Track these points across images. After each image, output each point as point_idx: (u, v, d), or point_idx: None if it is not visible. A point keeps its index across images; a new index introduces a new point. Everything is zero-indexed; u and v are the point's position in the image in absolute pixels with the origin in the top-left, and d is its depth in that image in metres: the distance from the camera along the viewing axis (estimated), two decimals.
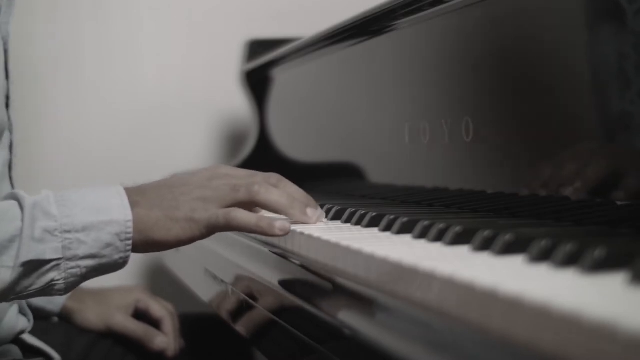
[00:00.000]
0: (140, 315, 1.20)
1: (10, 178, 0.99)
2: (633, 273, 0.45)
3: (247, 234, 0.99)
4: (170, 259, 1.51)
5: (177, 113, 1.86)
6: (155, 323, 1.19)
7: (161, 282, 1.73)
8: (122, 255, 0.80)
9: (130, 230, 0.79)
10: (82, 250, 0.78)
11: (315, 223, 0.85)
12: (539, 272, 0.51)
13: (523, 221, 0.79)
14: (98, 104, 1.82)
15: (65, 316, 1.18)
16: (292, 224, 0.84)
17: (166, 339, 1.17)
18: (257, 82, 1.65)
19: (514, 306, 0.44)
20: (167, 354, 1.17)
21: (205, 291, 1.16)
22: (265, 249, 0.90)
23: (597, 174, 0.72)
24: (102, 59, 1.82)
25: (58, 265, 0.77)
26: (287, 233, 0.81)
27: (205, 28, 1.87)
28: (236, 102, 1.81)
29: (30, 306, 1.06)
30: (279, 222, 0.81)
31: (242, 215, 0.81)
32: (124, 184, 0.83)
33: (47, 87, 1.78)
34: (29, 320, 1.04)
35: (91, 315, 1.17)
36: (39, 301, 1.14)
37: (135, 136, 1.83)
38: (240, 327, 0.91)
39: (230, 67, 1.78)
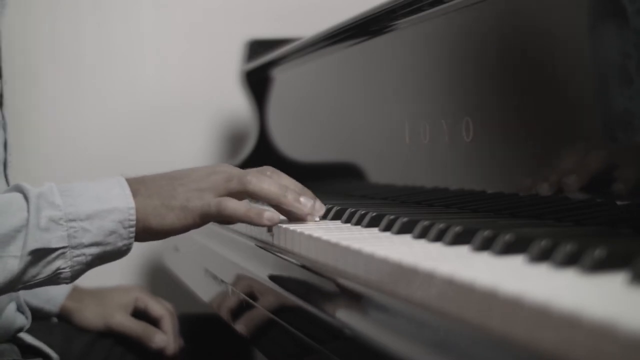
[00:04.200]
0: (139, 314, 1.20)
1: (6, 176, 0.99)
2: (633, 273, 0.45)
3: (248, 235, 1.00)
4: (171, 258, 1.51)
5: (177, 113, 1.86)
6: (154, 322, 1.20)
7: (161, 282, 1.73)
8: (125, 242, 0.82)
9: (133, 217, 0.81)
10: (86, 238, 0.80)
11: (311, 212, 0.85)
12: (539, 272, 0.51)
13: (523, 221, 0.79)
14: (98, 103, 1.82)
15: (64, 316, 1.18)
16: (287, 223, 0.85)
17: (165, 337, 1.17)
18: (257, 82, 1.65)
19: (514, 306, 0.44)
20: (166, 352, 1.17)
21: (205, 291, 1.16)
22: (266, 249, 0.89)
23: (597, 174, 0.72)
24: (102, 58, 1.82)
25: (64, 253, 0.79)
26: (274, 224, 0.84)
27: (205, 28, 1.87)
28: (236, 102, 1.81)
29: (29, 306, 1.06)
30: (268, 212, 0.83)
31: (232, 204, 0.82)
32: (126, 174, 0.84)
33: (47, 87, 1.78)
34: (27, 318, 1.04)
35: (90, 315, 1.17)
36: (38, 301, 1.14)
37: (135, 136, 1.83)
38: (240, 327, 0.91)
39: (230, 67, 1.78)
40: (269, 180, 0.85)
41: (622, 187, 0.68)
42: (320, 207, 0.87)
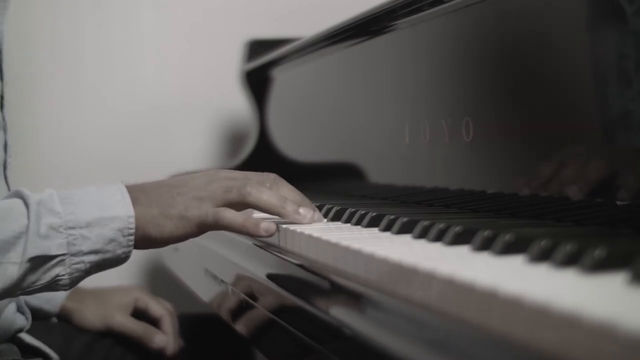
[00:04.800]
0: (140, 314, 1.20)
1: (6, 177, 0.99)
2: (633, 273, 0.45)
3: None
4: (170, 259, 1.51)
5: (177, 113, 1.86)
6: (154, 322, 1.20)
7: (161, 282, 1.73)
8: (124, 250, 0.82)
9: (133, 225, 0.81)
10: (86, 246, 0.80)
11: (310, 223, 0.86)
12: (539, 272, 0.51)
13: (523, 221, 0.79)
14: (98, 104, 1.82)
15: (64, 316, 1.18)
16: (287, 224, 0.85)
17: (165, 338, 1.17)
18: (257, 82, 1.65)
19: (514, 306, 0.44)
20: (166, 353, 1.17)
21: (205, 291, 1.16)
22: (266, 249, 0.89)
23: (597, 173, 0.72)
24: (102, 58, 1.82)
25: (63, 260, 0.79)
26: (271, 234, 0.84)
27: (205, 28, 1.88)
28: (236, 102, 1.81)
29: (28, 306, 1.06)
30: (264, 223, 0.83)
31: (229, 215, 0.83)
32: (125, 181, 0.84)
33: (47, 87, 1.78)
34: (27, 319, 1.04)
35: (90, 315, 1.18)
36: (38, 301, 1.14)
37: (135, 136, 1.83)
38: (240, 327, 0.91)
39: (230, 67, 1.78)
40: (269, 192, 0.85)
41: (622, 187, 0.68)
42: (319, 218, 0.88)
